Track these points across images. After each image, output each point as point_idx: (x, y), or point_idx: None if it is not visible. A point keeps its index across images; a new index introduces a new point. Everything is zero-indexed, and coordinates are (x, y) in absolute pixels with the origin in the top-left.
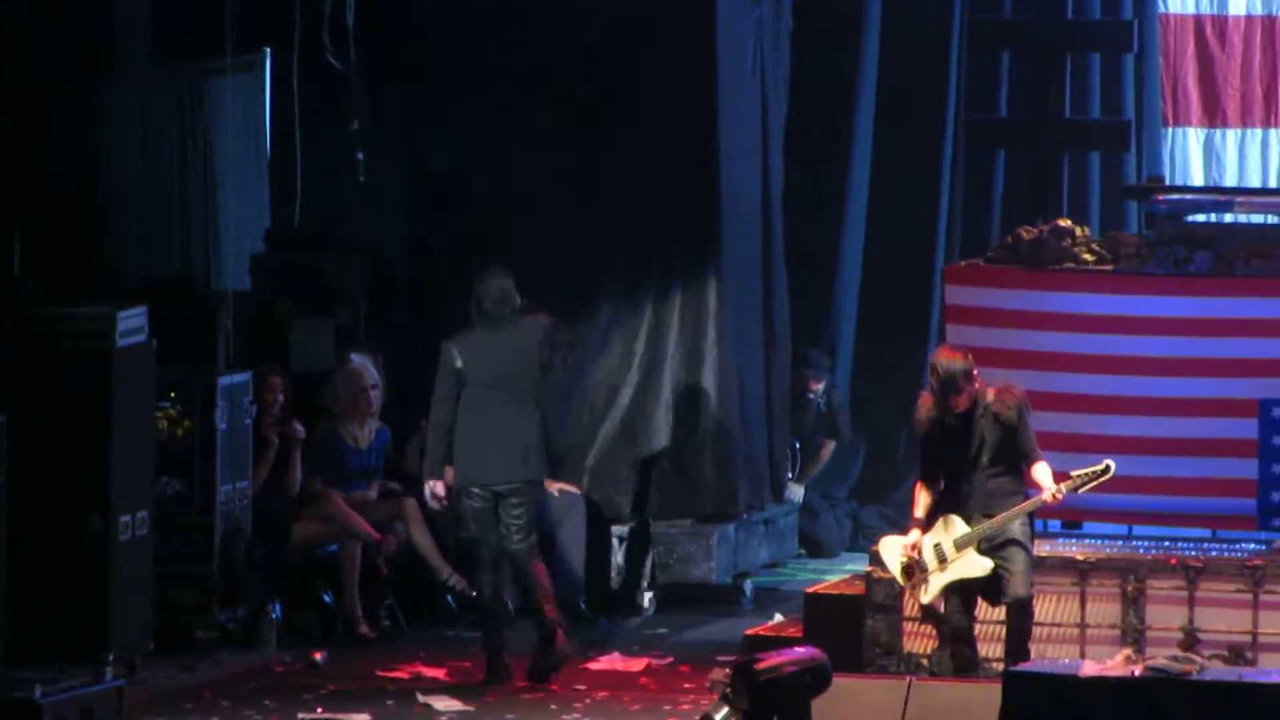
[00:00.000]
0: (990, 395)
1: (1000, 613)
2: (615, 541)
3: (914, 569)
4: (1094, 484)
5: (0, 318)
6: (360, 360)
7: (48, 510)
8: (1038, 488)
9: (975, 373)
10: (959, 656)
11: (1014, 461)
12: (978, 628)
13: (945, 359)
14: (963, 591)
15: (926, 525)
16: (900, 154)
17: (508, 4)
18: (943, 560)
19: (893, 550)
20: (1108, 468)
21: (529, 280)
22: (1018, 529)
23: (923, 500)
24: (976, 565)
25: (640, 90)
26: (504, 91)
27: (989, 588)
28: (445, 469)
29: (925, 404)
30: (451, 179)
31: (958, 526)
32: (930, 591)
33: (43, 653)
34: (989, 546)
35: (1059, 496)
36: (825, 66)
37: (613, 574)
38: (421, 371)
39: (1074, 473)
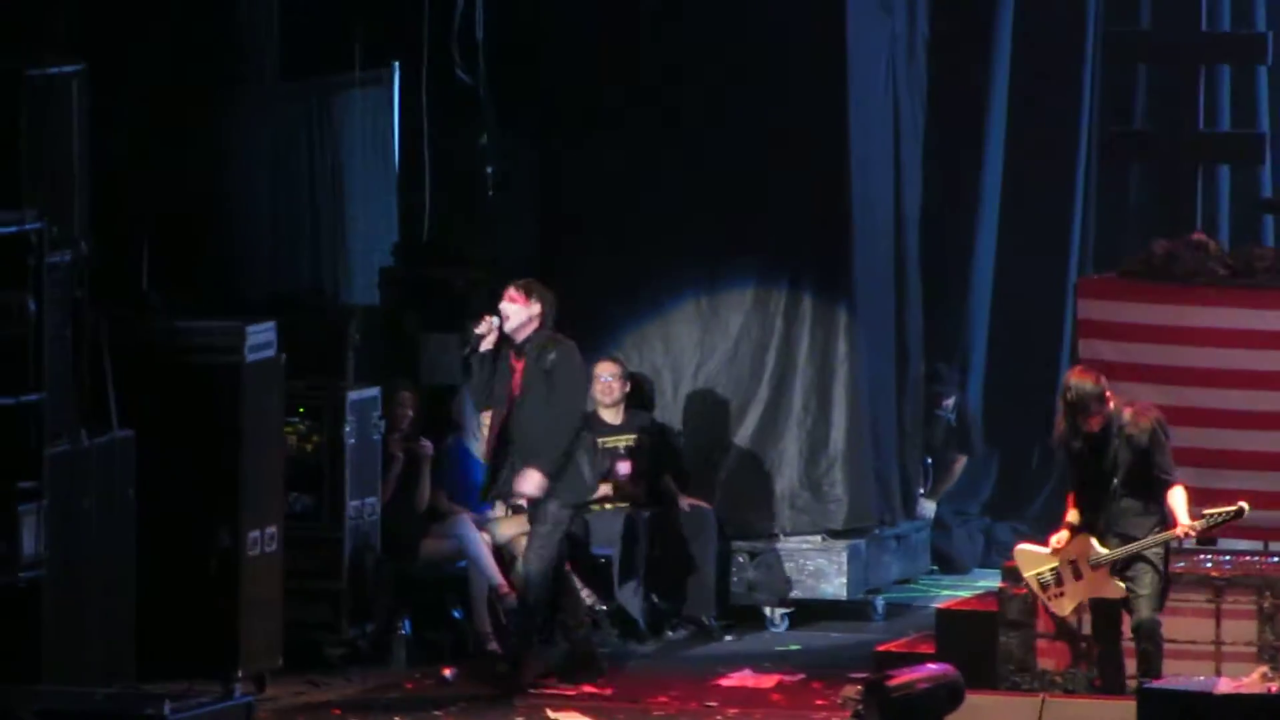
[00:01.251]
0: (1126, 415)
1: None
2: (745, 557)
3: (1050, 583)
4: (1225, 523)
5: (130, 333)
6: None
7: (177, 526)
8: (1172, 513)
9: (1108, 394)
10: (1105, 674)
11: (1148, 483)
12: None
13: (1076, 380)
14: (1103, 611)
15: (1070, 537)
16: (1033, 166)
17: (636, 16)
18: (1078, 577)
19: (1028, 559)
20: (1241, 510)
21: (658, 294)
22: (1152, 556)
23: (1072, 509)
24: (1110, 586)
25: (771, 103)
26: (633, 103)
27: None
28: None
29: (1060, 423)
30: (580, 193)
31: (1093, 547)
32: (1065, 606)
33: (172, 669)
34: (1121, 565)
35: (1191, 534)
36: (956, 79)
37: (743, 589)
38: None
39: (1207, 511)
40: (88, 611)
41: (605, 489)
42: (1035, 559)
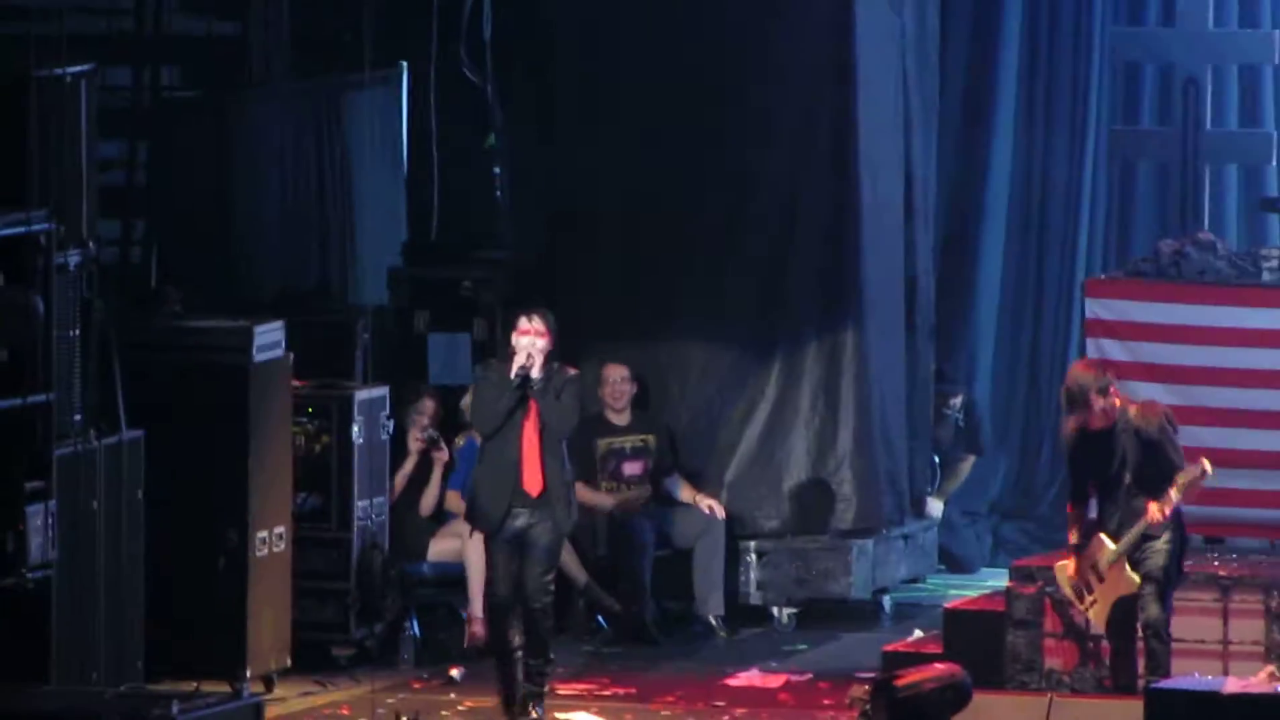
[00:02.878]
0: (1132, 411)
1: None
2: (753, 557)
3: (1082, 592)
4: (1195, 483)
5: (138, 332)
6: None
7: (185, 526)
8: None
9: (1113, 388)
10: (1118, 673)
11: (1158, 479)
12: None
13: (1076, 372)
14: (1121, 608)
15: (1084, 545)
16: (1041, 165)
17: (645, 14)
18: (1100, 580)
19: (1061, 575)
20: (1203, 470)
21: (665, 293)
22: (1160, 546)
23: (1075, 522)
24: (1125, 582)
25: (780, 101)
26: (640, 102)
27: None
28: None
29: (1068, 421)
30: (587, 192)
31: (1107, 545)
32: (1101, 613)
33: (181, 670)
34: (1133, 563)
35: (1163, 516)
36: (963, 77)
37: (750, 589)
38: None
39: (1173, 487)
40: (96, 612)
41: (606, 499)
42: (1064, 573)
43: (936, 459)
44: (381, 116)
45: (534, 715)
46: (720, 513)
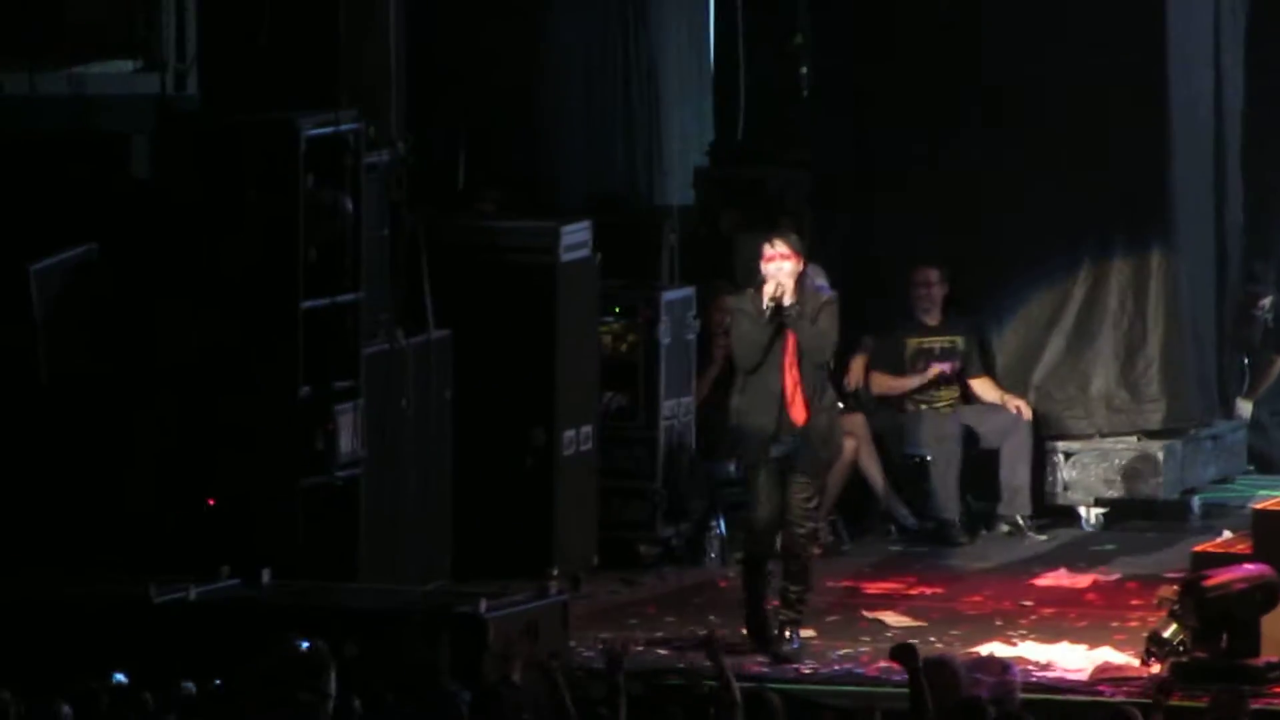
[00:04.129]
0: None
1: None
2: (1061, 457)
3: None
4: None
5: (446, 234)
6: (812, 272)
7: (493, 426)
8: None
9: None
10: None
11: None
12: None
13: None
14: None
15: None
16: None
17: None
18: None
19: None
20: None
21: (963, 187)
22: None
23: None
24: None
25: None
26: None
27: None
28: None
29: None
30: (896, 99)
31: None
32: None
33: (488, 568)
34: None
35: None
36: None
37: (1058, 489)
38: (863, 285)
39: None
40: (404, 510)
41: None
42: None
43: (1245, 359)
44: (688, 15)
45: (791, 642)
46: (1027, 413)
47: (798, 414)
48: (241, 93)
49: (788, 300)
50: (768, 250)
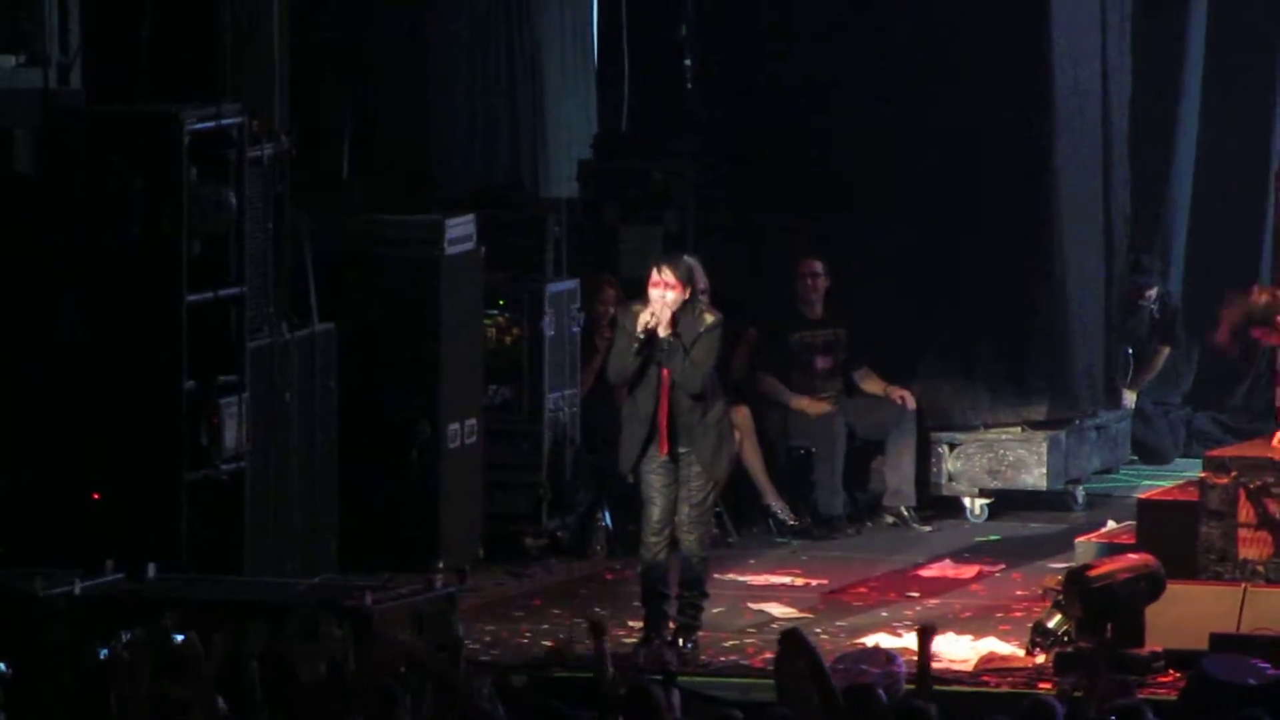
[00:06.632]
0: None
1: None
2: (945, 448)
3: None
4: None
5: (329, 226)
6: (690, 264)
7: (378, 419)
8: None
9: None
10: None
11: None
12: None
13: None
14: None
15: None
16: (1234, 54)
17: None
18: None
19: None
20: None
21: (841, 179)
22: None
23: None
24: None
25: None
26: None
27: None
28: None
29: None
30: (775, 84)
31: None
32: None
33: (373, 561)
34: None
35: None
36: None
37: (943, 480)
38: (744, 277)
39: None
40: (289, 504)
41: (803, 402)
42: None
43: (1130, 350)
44: (571, 7)
45: (686, 648)
46: (911, 404)
47: (662, 444)
48: (125, 86)
49: (663, 332)
50: (654, 275)
